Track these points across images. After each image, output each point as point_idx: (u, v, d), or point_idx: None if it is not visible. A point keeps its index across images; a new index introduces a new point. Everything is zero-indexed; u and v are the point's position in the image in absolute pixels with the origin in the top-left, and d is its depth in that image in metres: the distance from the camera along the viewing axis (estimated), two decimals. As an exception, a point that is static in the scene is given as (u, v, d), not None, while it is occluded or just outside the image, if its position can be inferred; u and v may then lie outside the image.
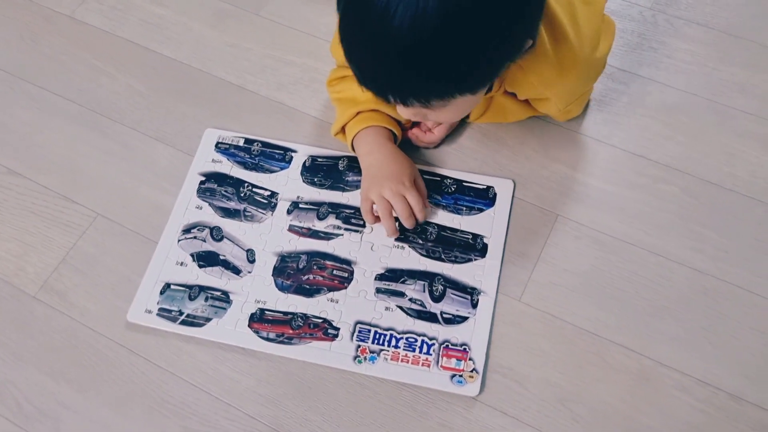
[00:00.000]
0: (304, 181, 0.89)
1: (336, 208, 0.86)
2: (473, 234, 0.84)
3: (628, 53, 0.97)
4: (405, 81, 0.65)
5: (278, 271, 0.82)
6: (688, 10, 1.01)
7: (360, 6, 0.62)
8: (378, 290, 0.81)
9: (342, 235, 0.85)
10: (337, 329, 0.78)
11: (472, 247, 0.83)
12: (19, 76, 1.00)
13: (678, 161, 0.88)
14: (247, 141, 0.92)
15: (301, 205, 0.87)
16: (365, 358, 0.77)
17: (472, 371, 0.75)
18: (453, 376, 0.75)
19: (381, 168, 0.84)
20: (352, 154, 0.89)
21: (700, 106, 0.93)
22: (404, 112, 0.75)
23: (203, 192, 0.88)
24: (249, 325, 0.79)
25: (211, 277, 0.82)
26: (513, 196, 0.86)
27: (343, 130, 0.87)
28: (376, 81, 0.67)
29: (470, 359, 0.76)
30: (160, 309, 0.80)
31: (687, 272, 0.81)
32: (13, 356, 0.79)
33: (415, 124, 0.89)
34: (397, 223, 0.83)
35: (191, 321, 0.79)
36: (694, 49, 0.97)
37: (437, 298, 0.80)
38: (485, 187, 0.87)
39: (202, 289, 0.81)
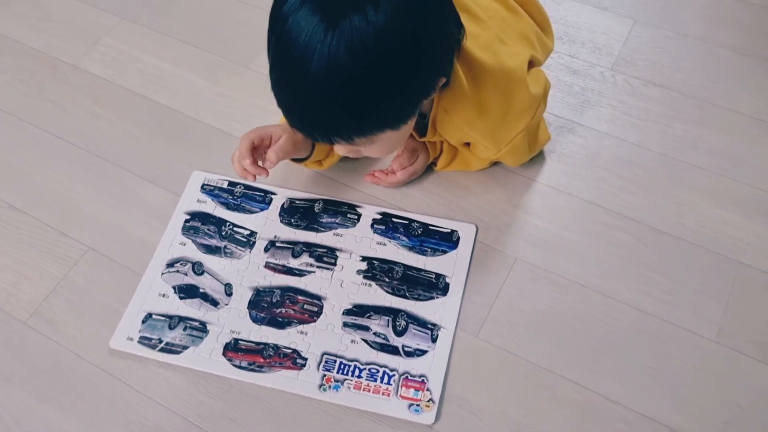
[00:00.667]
0: (281, 222, 0.95)
1: (310, 247, 0.93)
2: (436, 274, 0.90)
3: (588, 109, 1.05)
4: (326, 122, 0.72)
5: (253, 304, 0.88)
6: (646, 71, 1.09)
7: (282, 57, 0.70)
8: (345, 324, 0.86)
9: (314, 272, 0.91)
10: (305, 359, 0.84)
11: (435, 286, 0.89)
12: (25, 119, 1.08)
13: (631, 210, 0.95)
14: (231, 183, 0.99)
15: (277, 244, 0.93)
16: (330, 387, 0.82)
17: (428, 401, 0.80)
18: (411, 405, 0.80)
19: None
20: (327, 197, 0.96)
21: (654, 160, 0.99)
22: (338, 149, 0.82)
23: (188, 230, 0.95)
24: (223, 354, 0.85)
25: (191, 309, 0.88)
26: (475, 240, 0.93)
27: None
28: (302, 123, 0.74)
29: (428, 389, 0.81)
30: (141, 337, 0.86)
31: (635, 313, 0.87)
32: (2, 378, 0.84)
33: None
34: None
35: (170, 348, 0.85)
36: (649, 107, 1.05)
37: (400, 333, 0.86)
38: (450, 230, 0.93)
39: (181, 319, 0.87)
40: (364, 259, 0.91)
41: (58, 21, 1.20)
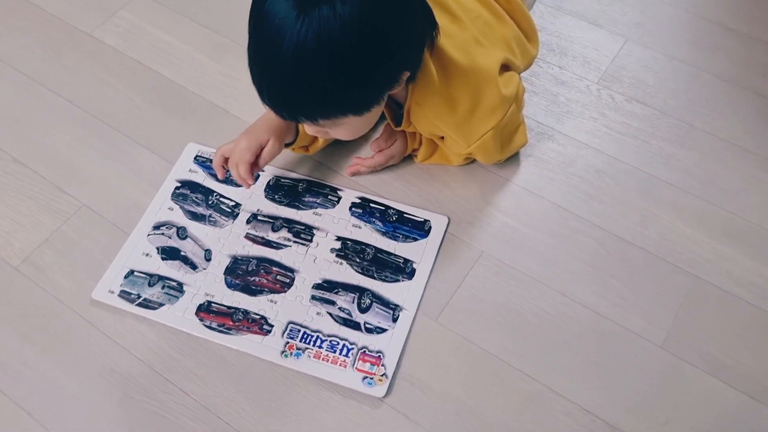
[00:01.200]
0: (266, 197, 1.00)
1: (289, 223, 0.98)
2: (405, 259, 0.95)
3: (570, 119, 1.09)
4: (292, 102, 0.77)
5: (229, 271, 0.94)
6: (630, 88, 1.13)
7: (257, 37, 0.76)
8: (313, 297, 0.92)
9: (291, 246, 0.96)
10: (272, 326, 0.89)
11: (402, 270, 0.94)
12: (38, 80, 1.14)
13: (597, 218, 0.99)
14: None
15: (259, 217, 0.98)
16: (291, 354, 0.87)
17: (382, 375, 0.85)
18: (364, 378, 0.85)
19: (249, 127, 0.94)
20: (312, 178, 1.01)
21: (626, 173, 1.04)
22: (307, 129, 0.87)
23: (177, 196, 1.00)
24: (196, 314, 0.90)
25: (171, 269, 0.94)
26: (446, 231, 0.97)
27: None
28: (270, 100, 0.79)
29: (383, 365, 0.86)
30: (122, 291, 0.91)
31: (588, 314, 0.91)
32: (-11, 316, 0.90)
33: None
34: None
35: (147, 304, 0.90)
36: (629, 122, 1.09)
37: (363, 310, 0.91)
38: (423, 220, 0.98)
39: (161, 278, 0.93)
40: (338, 239, 0.96)
41: (79, -8, 1.27)
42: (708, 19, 1.23)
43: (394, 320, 0.90)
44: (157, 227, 0.97)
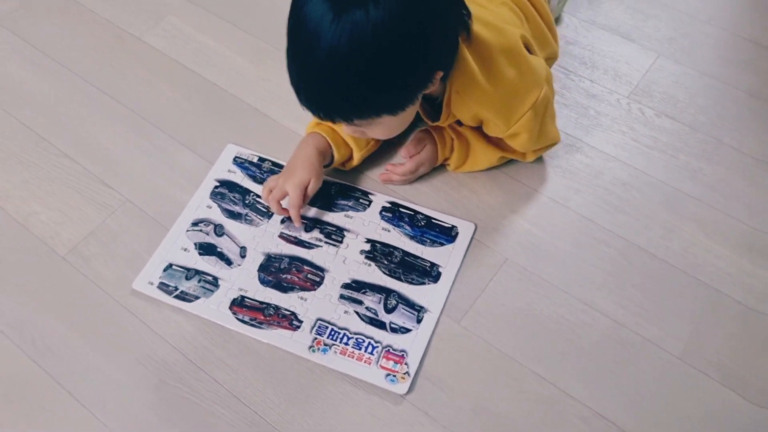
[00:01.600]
0: (299, 198, 1.05)
1: (321, 224, 1.02)
2: (432, 263, 0.98)
3: (599, 132, 1.11)
4: (327, 103, 0.81)
5: (263, 268, 0.98)
6: (660, 102, 1.15)
7: (294, 40, 0.80)
8: (342, 296, 0.95)
9: (322, 246, 1.00)
10: (301, 322, 0.93)
11: (428, 274, 0.97)
12: (88, 80, 1.20)
13: (621, 229, 1.01)
14: (261, 159, 1.09)
15: (293, 218, 1.03)
16: (318, 349, 0.91)
17: (405, 374, 0.89)
18: (387, 375, 0.89)
19: (289, 165, 0.99)
20: (344, 182, 1.05)
21: (652, 186, 1.05)
22: (344, 129, 0.90)
23: (215, 195, 1.05)
24: (230, 308, 0.94)
25: (207, 264, 0.98)
26: (472, 238, 1.00)
27: None
28: (307, 101, 0.82)
29: (405, 363, 0.89)
30: (161, 283, 0.96)
31: (608, 322, 0.93)
32: (36, 302, 0.96)
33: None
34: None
35: (183, 296, 0.95)
36: (658, 137, 1.11)
37: (389, 311, 0.94)
38: (450, 226, 1.01)
39: (197, 272, 0.97)
40: (368, 241, 1.00)
41: (130, -4, 1.33)
42: (741, 36, 1.24)
43: (419, 321, 0.93)
44: (195, 224, 1.02)
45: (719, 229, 1.01)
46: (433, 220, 1.02)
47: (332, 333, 0.92)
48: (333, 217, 1.03)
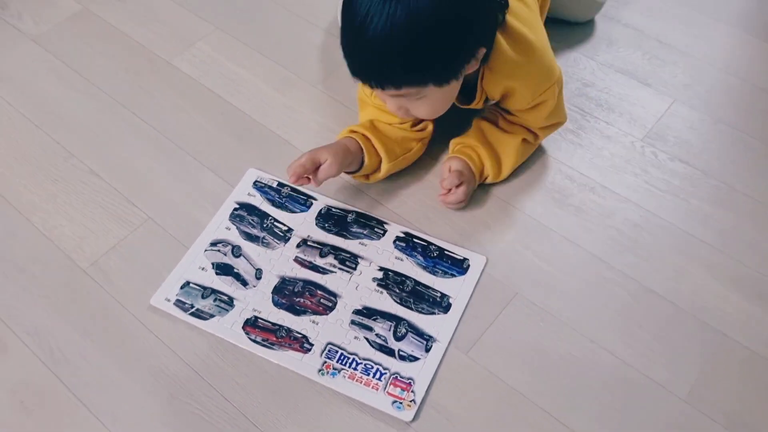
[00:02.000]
0: (316, 224, 1.07)
1: (336, 251, 1.04)
2: (442, 293, 1.00)
3: (613, 173, 1.13)
4: (381, 71, 0.90)
5: (277, 290, 1.00)
6: (674, 147, 1.17)
7: (348, 16, 0.87)
8: (353, 322, 0.97)
9: (336, 272, 1.02)
10: (312, 345, 0.95)
11: (439, 304, 0.99)
12: (118, 100, 1.24)
13: (631, 270, 1.02)
14: (280, 184, 1.12)
15: (309, 243, 1.05)
16: (328, 372, 0.93)
17: (411, 401, 0.90)
18: (394, 402, 0.90)
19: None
20: (361, 210, 1.08)
21: (663, 228, 1.07)
22: (390, 105, 0.97)
23: (234, 217, 1.08)
24: (243, 327, 0.97)
25: (223, 284, 1.01)
26: (483, 270, 1.02)
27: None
28: (361, 68, 0.91)
29: (412, 391, 0.91)
30: (177, 300, 0.99)
31: (614, 361, 0.94)
32: (56, 312, 0.99)
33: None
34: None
35: (199, 314, 0.98)
36: (671, 180, 1.13)
37: (399, 338, 0.96)
38: (462, 258, 1.03)
39: (213, 291, 1.00)
40: (381, 269, 1.02)
41: (163, 22, 1.37)
42: (757, 85, 1.26)
43: (427, 350, 0.94)
44: (214, 244, 1.05)
45: (729, 274, 1.02)
46: (446, 252, 1.04)
47: (342, 357, 0.94)
48: (348, 244, 1.05)
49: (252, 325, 0.97)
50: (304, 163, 1.01)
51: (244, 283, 1.01)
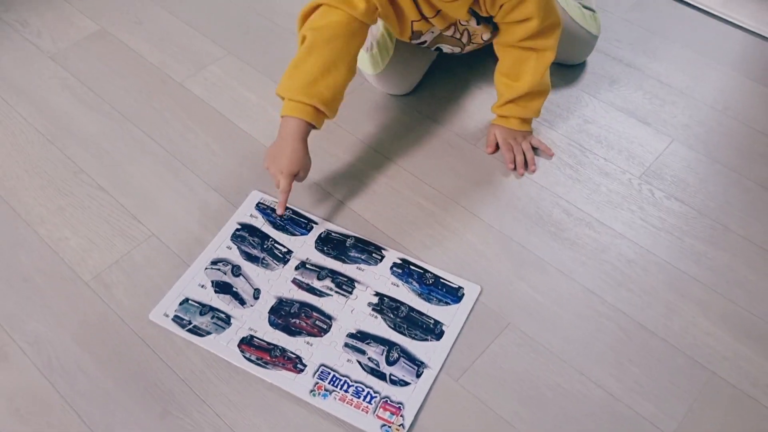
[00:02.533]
0: (315, 248, 1.09)
1: (334, 274, 1.06)
2: (436, 320, 1.01)
3: (609, 209, 1.15)
4: None
5: (274, 311, 1.02)
6: (671, 185, 1.19)
7: None
8: (346, 344, 0.99)
9: (332, 295, 1.04)
10: (305, 366, 0.96)
11: (432, 331, 1.00)
12: (130, 119, 1.27)
13: (623, 305, 1.04)
14: (282, 207, 1.14)
15: (307, 265, 1.07)
16: (319, 393, 0.94)
17: (399, 425, 0.91)
18: (383, 425, 0.91)
19: (276, 153, 1.07)
20: (360, 236, 1.10)
21: (657, 265, 1.08)
22: None
23: (236, 237, 1.10)
24: (238, 345, 0.98)
25: (221, 302, 1.03)
26: (477, 299, 1.04)
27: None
28: None
29: (401, 416, 0.92)
30: (176, 316, 1.01)
31: (603, 394, 0.95)
32: (56, 322, 1.01)
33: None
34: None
35: (196, 331, 0.99)
36: (666, 218, 1.14)
37: (391, 363, 0.97)
38: (457, 286, 1.05)
39: (211, 309, 1.02)
40: (377, 294, 1.04)
41: (177, 45, 1.41)
42: (756, 128, 1.28)
43: (418, 376, 0.96)
44: (215, 263, 1.07)
45: (720, 313, 1.03)
46: (441, 280, 1.06)
47: (334, 379, 0.95)
48: (346, 268, 1.07)
49: (247, 343, 0.99)
50: (287, 190, 1.06)
51: (242, 302, 1.03)
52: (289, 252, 1.09)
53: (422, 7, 1.11)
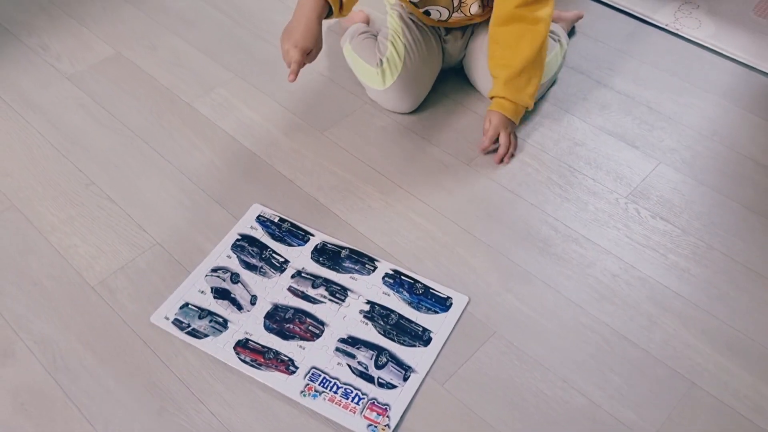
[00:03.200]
0: (311, 258, 1.14)
1: (328, 283, 1.11)
2: (424, 328, 1.05)
3: (596, 227, 1.19)
4: None
5: (269, 316, 1.07)
6: (657, 205, 1.23)
7: None
8: (337, 349, 1.03)
9: (325, 303, 1.08)
10: (297, 368, 1.00)
11: (420, 337, 1.04)
12: (140, 135, 1.34)
13: (607, 317, 1.07)
14: (281, 219, 1.19)
15: (303, 274, 1.12)
16: (309, 394, 0.98)
17: (386, 426, 0.95)
18: (369, 425, 0.95)
19: (291, 29, 1.13)
20: (354, 247, 1.15)
21: (640, 280, 1.12)
22: None
23: (236, 247, 1.15)
24: (234, 348, 1.03)
25: (220, 307, 1.07)
26: (465, 309, 1.08)
27: None
28: None
29: (388, 416, 0.95)
30: (176, 319, 1.06)
31: (584, 401, 0.98)
32: (62, 324, 1.06)
33: None
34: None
35: (194, 333, 1.04)
36: (650, 236, 1.18)
37: (379, 367, 1.01)
38: (446, 296, 1.09)
39: (210, 313, 1.06)
40: (368, 302, 1.08)
41: (187, 68, 1.49)
42: (741, 153, 1.32)
43: (405, 379, 1.00)
44: (214, 270, 1.12)
45: (701, 326, 1.06)
46: (431, 290, 1.10)
47: (324, 381, 0.99)
48: (340, 278, 1.11)
49: (243, 346, 1.03)
50: (299, 61, 1.11)
51: (239, 307, 1.08)
52: (286, 261, 1.14)
53: None
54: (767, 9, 1.62)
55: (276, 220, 1.19)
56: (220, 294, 1.09)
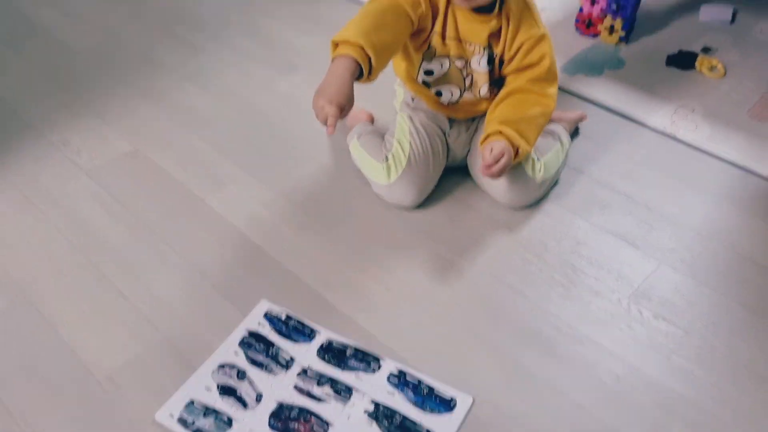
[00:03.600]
0: (317, 355, 1.15)
1: (333, 381, 1.12)
2: (428, 429, 1.05)
3: (598, 326, 1.21)
4: None
5: (274, 415, 1.07)
6: (658, 306, 1.24)
7: None
8: (341, 450, 1.03)
9: (330, 402, 1.09)
10: (300, 469, 1.00)
11: (424, 439, 1.05)
12: (153, 231, 1.38)
13: (612, 420, 1.07)
14: (288, 317, 1.21)
15: (308, 372, 1.13)
16: (312, 497, 0.97)
17: None
18: None
19: (324, 86, 1.16)
20: (359, 345, 1.16)
21: (645, 384, 1.12)
22: None
23: (243, 343, 1.17)
24: (238, 447, 1.03)
25: (225, 405, 1.08)
26: (469, 411, 1.08)
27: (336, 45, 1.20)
28: None
29: None
30: (180, 417, 1.06)
31: (589, 508, 0.97)
32: (67, 418, 1.06)
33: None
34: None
35: (198, 432, 1.05)
36: (653, 337, 1.19)
37: (383, 469, 1.01)
38: (449, 398, 1.10)
39: (215, 411, 1.07)
40: (373, 402, 1.09)
41: (201, 165, 1.54)
42: (741, 254, 1.35)
43: (409, 483, 0.99)
44: (221, 366, 1.13)
45: (707, 431, 1.06)
46: (435, 391, 1.11)
47: (327, 483, 0.99)
48: (345, 376, 1.12)
49: (247, 445, 1.03)
50: (335, 114, 1.14)
51: (245, 405, 1.08)
52: (293, 359, 1.15)
53: (448, 25, 1.31)
54: (761, 112, 1.68)
55: (283, 317, 1.21)
56: (226, 391, 1.10)
